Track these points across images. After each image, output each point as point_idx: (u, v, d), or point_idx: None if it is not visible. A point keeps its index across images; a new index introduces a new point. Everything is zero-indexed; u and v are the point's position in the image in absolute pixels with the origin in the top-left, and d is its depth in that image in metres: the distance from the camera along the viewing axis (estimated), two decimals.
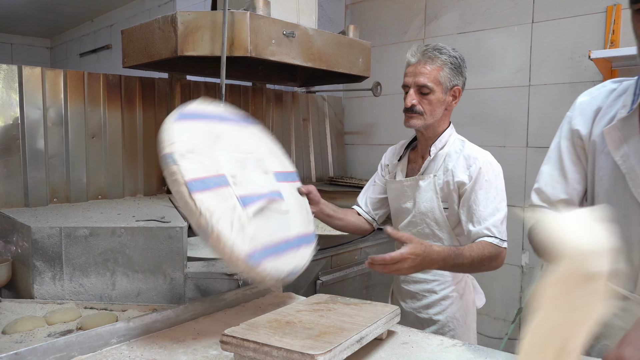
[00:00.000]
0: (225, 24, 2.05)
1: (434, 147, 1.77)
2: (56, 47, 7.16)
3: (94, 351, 1.24)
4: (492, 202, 1.63)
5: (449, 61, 1.68)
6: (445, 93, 1.70)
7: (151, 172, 2.70)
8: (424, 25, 3.47)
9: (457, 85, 1.72)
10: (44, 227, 1.80)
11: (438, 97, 1.69)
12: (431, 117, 1.72)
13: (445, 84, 1.69)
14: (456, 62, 1.69)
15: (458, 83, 1.72)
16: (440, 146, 1.77)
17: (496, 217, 1.62)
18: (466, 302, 1.81)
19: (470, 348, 1.27)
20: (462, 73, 1.72)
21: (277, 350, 1.03)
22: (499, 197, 1.65)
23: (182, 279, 1.84)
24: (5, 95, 2.19)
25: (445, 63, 1.68)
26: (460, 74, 1.71)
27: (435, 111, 1.71)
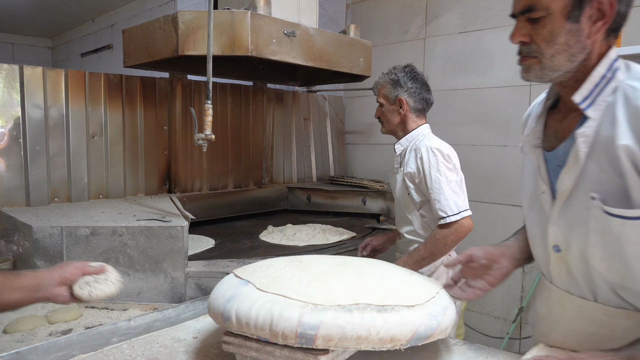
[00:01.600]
0: (210, 19, 2.05)
1: (397, 144, 2.15)
2: (57, 47, 7.17)
3: (95, 350, 1.24)
4: (436, 184, 1.95)
5: (388, 79, 2.12)
6: (392, 104, 2.13)
7: (152, 171, 2.70)
8: (425, 25, 3.46)
9: (399, 95, 2.09)
10: (45, 227, 1.80)
11: (387, 108, 2.15)
12: (387, 124, 2.17)
13: (390, 97, 2.12)
14: (394, 78, 2.11)
15: (399, 94, 2.09)
16: (406, 144, 2.13)
17: (442, 197, 1.94)
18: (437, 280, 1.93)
19: (472, 347, 1.27)
20: (403, 85, 2.09)
21: (279, 349, 1.03)
22: (443, 178, 1.95)
23: (183, 278, 1.84)
24: (7, 95, 2.19)
25: (387, 81, 2.13)
26: (399, 87, 2.09)
27: (389, 119, 2.15)
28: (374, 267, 1.27)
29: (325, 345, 0.98)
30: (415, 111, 2.12)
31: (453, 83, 3.32)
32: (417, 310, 1.06)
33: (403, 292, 1.11)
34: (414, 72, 2.12)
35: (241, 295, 1.08)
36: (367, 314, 1.00)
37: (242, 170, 3.11)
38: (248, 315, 1.03)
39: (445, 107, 3.37)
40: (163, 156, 2.74)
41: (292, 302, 1.02)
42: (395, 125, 2.15)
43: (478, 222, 3.23)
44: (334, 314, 0.99)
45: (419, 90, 2.11)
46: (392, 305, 1.04)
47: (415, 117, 2.13)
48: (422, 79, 2.14)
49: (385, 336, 1.00)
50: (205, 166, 2.90)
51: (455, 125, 3.31)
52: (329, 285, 1.09)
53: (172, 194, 2.72)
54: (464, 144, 3.28)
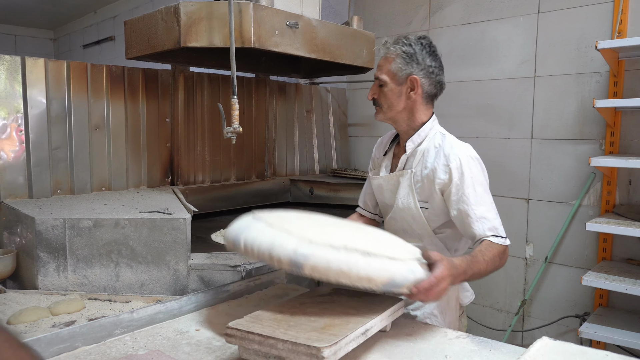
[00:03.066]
0: (231, 14, 2.04)
1: (410, 142, 1.69)
2: (59, 38, 7.15)
3: (98, 342, 1.24)
4: (482, 199, 1.56)
5: (400, 51, 1.62)
6: (400, 84, 1.63)
7: (155, 163, 2.69)
8: (429, 16, 3.44)
9: (413, 73, 1.62)
10: (48, 219, 1.80)
11: (392, 88, 1.64)
12: (389, 109, 1.67)
13: (399, 75, 1.63)
14: (409, 50, 1.61)
15: (413, 72, 1.61)
16: (418, 141, 1.69)
17: (492, 214, 1.57)
18: (447, 299, 1.72)
19: (474, 340, 1.27)
20: (419, 61, 1.62)
21: (282, 342, 1.03)
22: (488, 195, 1.60)
23: (186, 271, 1.84)
24: (9, 86, 2.19)
25: (398, 54, 1.62)
26: (415, 62, 1.61)
27: (392, 103, 1.66)
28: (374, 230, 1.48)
29: (312, 273, 1.13)
30: (427, 97, 1.67)
31: (457, 75, 3.30)
32: (398, 262, 1.20)
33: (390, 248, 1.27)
34: (433, 47, 1.66)
35: (252, 228, 1.26)
36: (352, 255, 1.15)
37: (244, 162, 3.10)
38: (253, 242, 1.20)
39: (449, 100, 3.35)
40: (165, 148, 2.74)
41: (292, 236, 1.18)
42: (399, 112, 1.67)
43: None
44: (325, 250, 1.14)
45: (438, 71, 1.65)
46: (376, 254, 1.18)
47: (425, 105, 1.68)
48: (440, 57, 1.69)
49: (364, 275, 1.14)
50: (207, 158, 2.89)
51: (459, 118, 3.30)
52: (328, 232, 1.27)
53: (175, 186, 2.72)
54: (468, 137, 3.25)
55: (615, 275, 2.41)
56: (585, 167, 2.75)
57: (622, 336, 2.34)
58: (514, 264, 3.10)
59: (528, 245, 3.04)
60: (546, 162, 2.94)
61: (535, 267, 3.01)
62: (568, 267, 2.88)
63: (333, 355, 1.02)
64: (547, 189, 2.95)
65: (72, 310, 1.60)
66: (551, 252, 2.91)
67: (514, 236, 3.09)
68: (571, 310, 2.86)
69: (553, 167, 2.91)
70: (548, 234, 2.94)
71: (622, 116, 2.65)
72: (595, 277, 2.38)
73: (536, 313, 3.02)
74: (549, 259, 2.93)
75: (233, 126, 2.12)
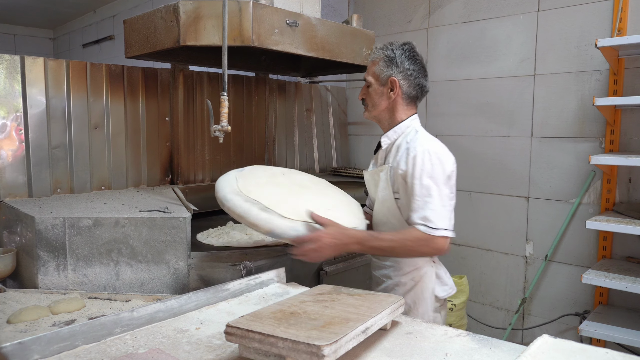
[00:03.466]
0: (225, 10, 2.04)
1: (385, 137, 1.86)
2: (59, 37, 7.15)
3: (98, 341, 1.24)
4: (428, 190, 1.65)
5: (383, 55, 1.80)
6: (382, 85, 1.81)
7: (154, 162, 2.69)
8: (428, 15, 3.44)
9: (392, 76, 1.78)
10: (47, 218, 1.80)
11: (375, 89, 1.82)
12: (373, 108, 1.85)
13: (381, 77, 1.80)
14: (390, 54, 1.79)
15: (392, 74, 1.78)
16: (394, 137, 1.84)
17: (432, 205, 1.63)
18: (421, 290, 1.82)
19: (475, 338, 1.27)
20: (399, 64, 1.78)
21: (282, 341, 1.03)
22: (435, 187, 1.65)
23: (186, 269, 1.84)
24: (8, 85, 2.18)
25: (381, 57, 1.80)
26: (394, 65, 1.78)
27: (376, 103, 1.83)
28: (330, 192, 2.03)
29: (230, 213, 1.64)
30: (407, 98, 1.81)
31: (456, 73, 3.30)
32: (285, 220, 1.58)
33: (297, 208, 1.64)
34: (413, 52, 1.81)
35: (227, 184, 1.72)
36: (253, 207, 1.59)
37: (244, 161, 3.10)
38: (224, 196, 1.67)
39: (449, 98, 3.36)
40: (165, 147, 2.74)
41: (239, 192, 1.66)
42: (382, 110, 1.83)
43: (481, 213, 3.23)
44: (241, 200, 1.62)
45: (416, 74, 1.80)
46: (272, 210, 1.58)
47: (406, 105, 1.82)
48: (421, 61, 1.83)
49: (252, 222, 1.58)
50: (207, 157, 2.89)
51: (459, 116, 3.30)
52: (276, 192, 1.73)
53: (175, 185, 2.71)
54: (468, 135, 3.27)
55: (615, 273, 2.41)
56: (585, 165, 2.75)
57: (622, 334, 2.34)
58: (513, 262, 3.11)
59: (528, 244, 3.04)
60: (546, 160, 2.94)
61: (535, 265, 3.01)
62: (568, 265, 2.89)
63: (333, 353, 1.01)
64: (547, 187, 2.95)
65: (72, 309, 1.60)
66: (551, 250, 2.91)
67: (513, 234, 3.10)
68: (571, 308, 2.87)
69: (553, 165, 2.91)
70: (548, 232, 2.95)
71: (622, 114, 2.65)
72: (595, 275, 2.39)
73: (536, 311, 3.03)
74: (549, 257, 2.93)
75: (221, 124, 2.05)
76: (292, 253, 1.62)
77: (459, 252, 3.38)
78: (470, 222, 3.31)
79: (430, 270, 1.84)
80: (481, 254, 3.26)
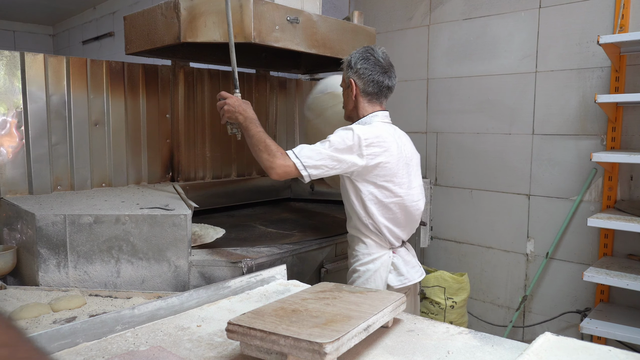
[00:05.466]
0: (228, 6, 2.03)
1: None
2: (58, 34, 7.13)
3: (99, 338, 1.24)
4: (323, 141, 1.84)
5: (345, 62, 2.03)
6: (346, 88, 2.03)
7: (155, 160, 2.69)
8: (430, 12, 3.43)
9: (349, 77, 1.99)
10: (48, 215, 1.79)
11: (344, 92, 2.07)
12: (345, 109, 2.08)
13: (345, 81, 2.03)
14: (348, 59, 2.01)
15: (349, 75, 1.99)
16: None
17: (308, 147, 1.83)
18: (375, 279, 1.94)
19: (477, 336, 1.27)
20: (352, 66, 1.98)
21: (284, 338, 1.03)
22: (324, 144, 1.82)
23: (187, 267, 1.84)
24: (8, 82, 2.18)
25: (342, 66, 2.05)
26: (349, 68, 1.99)
27: (346, 104, 2.06)
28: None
29: None
30: (366, 95, 1.97)
31: (457, 70, 3.29)
32: None
33: None
34: (367, 53, 1.96)
35: None
36: None
37: (245, 158, 3.10)
38: None
39: (450, 95, 3.35)
40: (166, 144, 2.73)
41: None
42: (350, 110, 2.03)
43: (482, 210, 3.23)
44: None
45: (369, 72, 1.94)
46: None
47: (367, 103, 1.98)
48: (377, 60, 1.95)
49: None
50: (208, 155, 2.89)
51: (460, 113, 3.29)
52: None
53: (175, 182, 2.71)
54: (468, 132, 3.26)
55: (616, 270, 2.41)
56: (587, 162, 2.75)
57: (623, 332, 2.34)
58: (514, 260, 3.10)
59: (529, 241, 3.04)
60: (547, 157, 2.93)
61: (536, 262, 3.01)
62: (569, 263, 2.88)
63: (335, 351, 1.01)
64: (548, 184, 2.94)
65: (73, 306, 1.60)
66: (552, 247, 2.91)
67: (514, 232, 3.09)
68: (572, 305, 2.86)
69: (554, 163, 2.91)
70: (549, 229, 2.94)
71: (624, 111, 2.64)
72: (597, 272, 2.38)
73: (537, 309, 3.02)
74: (550, 255, 2.92)
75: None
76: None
77: (459, 250, 3.37)
78: (471, 219, 3.30)
79: (386, 260, 1.96)
80: (482, 252, 3.26)
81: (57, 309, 1.57)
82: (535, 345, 1.08)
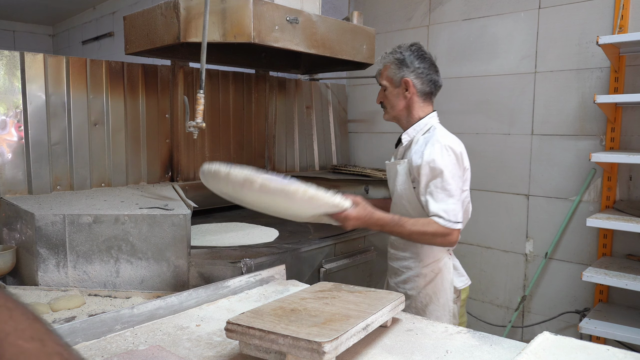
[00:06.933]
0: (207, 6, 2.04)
1: (405, 134, 1.97)
2: (58, 34, 7.13)
3: (98, 337, 1.24)
4: (446, 185, 1.77)
5: (393, 59, 1.92)
6: (397, 87, 1.93)
7: (154, 159, 2.69)
8: (429, 12, 3.43)
9: (405, 76, 1.91)
10: (47, 215, 1.79)
11: (391, 91, 1.95)
12: (392, 109, 1.97)
13: (394, 79, 1.93)
14: (399, 57, 1.91)
15: (405, 75, 1.91)
16: (413, 134, 1.95)
17: (448, 201, 1.76)
18: (441, 281, 1.92)
19: (475, 335, 1.27)
20: (409, 65, 1.90)
21: (283, 338, 1.03)
22: (453, 182, 1.78)
23: (186, 266, 1.84)
24: (8, 82, 2.18)
25: (391, 61, 1.93)
26: (405, 67, 1.91)
27: (394, 104, 1.96)
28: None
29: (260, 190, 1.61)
30: (422, 95, 1.94)
31: (457, 71, 3.29)
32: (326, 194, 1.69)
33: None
34: (421, 51, 1.94)
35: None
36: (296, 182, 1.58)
37: (244, 159, 3.10)
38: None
39: (449, 95, 3.35)
40: (165, 144, 2.73)
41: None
42: (400, 110, 1.95)
43: (481, 210, 3.23)
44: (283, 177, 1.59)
45: (427, 71, 1.92)
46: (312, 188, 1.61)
47: (422, 102, 1.95)
48: (430, 58, 1.96)
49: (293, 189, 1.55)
50: (207, 155, 2.89)
51: (459, 114, 3.29)
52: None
53: (175, 182, 2.71)
54: (468, 133, 3.26)
55: (615, 270, 2.41)
56: (586, 162, 2.75)
57: (622, 332, 2.34)
58: (513, 260, 3.11)
59: (528, 241, 3.04)
60: (546, 158, 2.94)
61: (535, 263, 3.01)
62: (568, 263, 2.89)
63: (334, 350, 1.01)
64: (547, 184, 2.94)
65: (72, 306, 1.60)
66: (551, 248, 2.91)
67: (514, 232, 3.09)
68: (571, 306, 2.87)
69: (553, 163, 2.91)
70: (548, 229, 2.94)
71: (623, 112, 2.64)
72: (596, 272, 2.39)
73: (536, 309, 3.03)
74: (549, 255, 2.93)
75: (196, 121, 2.11)
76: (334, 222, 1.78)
77: (458, 250, 3.35)
78: (470, 219, 3.30)
79: (448, 262, 1.95)
80: (481, 252, 3.26)
81: (57, 309, 1.57)
82: (533, 345, 1.08)
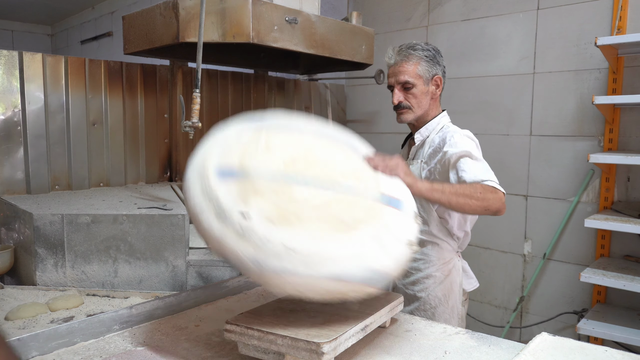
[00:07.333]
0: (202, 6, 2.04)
1: (418, 134, 1.89)
2: (57, 34, 7.12)
3: (97, 337, 1.24)
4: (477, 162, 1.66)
5: (423, 55, 1.83)
6: (427, 84, 1.85)
7: (153, 159, 2.69)
8: (428, 12, 3.43)
9: (437, 74, 1.86)
10: (46, 214, 1.79)
11: (421, 89, 1.84)
12: (419, 108, 1.86)
13: (425, 76, 1.84)
14: (430, 54, 1.84)
15: (437, 72, 1.86)
16: (426, 134, 1.88)
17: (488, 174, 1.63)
18: (451, 283, 1.88)
19: (474, 336, 1.27)
20: (439, 62, 1.86)
21: (281, 338, 1.03)
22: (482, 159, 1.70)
23: (184, 267, 1.84)
24: (6, 81, 2.17)
25: (421, 57, 1.83)
26: (437, 64, 1.85)
27: (422, 102, 1.86)
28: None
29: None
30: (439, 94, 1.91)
31: (456, 71, 3.29)
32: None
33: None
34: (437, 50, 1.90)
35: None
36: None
37: None
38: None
39: (448, 96, 3.33)
40: (164, 144, 2.73)
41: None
42: (426, 109, 1.87)
43: None
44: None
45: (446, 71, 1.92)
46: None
47: (438, 102, 1.92)
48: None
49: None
50: None
51: (458, 114, 3.28)
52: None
53: (173, 182, 2.71)
54: None
55: (613, 271, 2.41)
56: (584, 163, 2.75)
57: (620, 332, 2.34)
58: (512, 260, 3.11)
59: (526, 242, 3.04)
60: (545, 158, 2.94)
61: (533, 263, 3.01)
62: (566, 264, 2.89)
63: (333, 350, 1.01)
64: (545, 185, 2.95)
65: (71, 306, 1.60)
66: (549, 248, 2.91)
67: (512, 233, 3.10)
68: (569, 306, 2.87)
69: (552, 164, 2.91)
70: (546, 230, 2.95)
71: (621, 113, 2.65)
72: (594, 273, 2.39)
73: (534, 309, 3.03)
74: (548, 256, 2.93)
75: (192, 120, 2.09)
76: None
77: None
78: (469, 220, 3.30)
79: (458, 264, 1.91)
80: (479, 252, 3.26)
81: (55, 309, 1.57)
82: (531, 346, 1.08)
